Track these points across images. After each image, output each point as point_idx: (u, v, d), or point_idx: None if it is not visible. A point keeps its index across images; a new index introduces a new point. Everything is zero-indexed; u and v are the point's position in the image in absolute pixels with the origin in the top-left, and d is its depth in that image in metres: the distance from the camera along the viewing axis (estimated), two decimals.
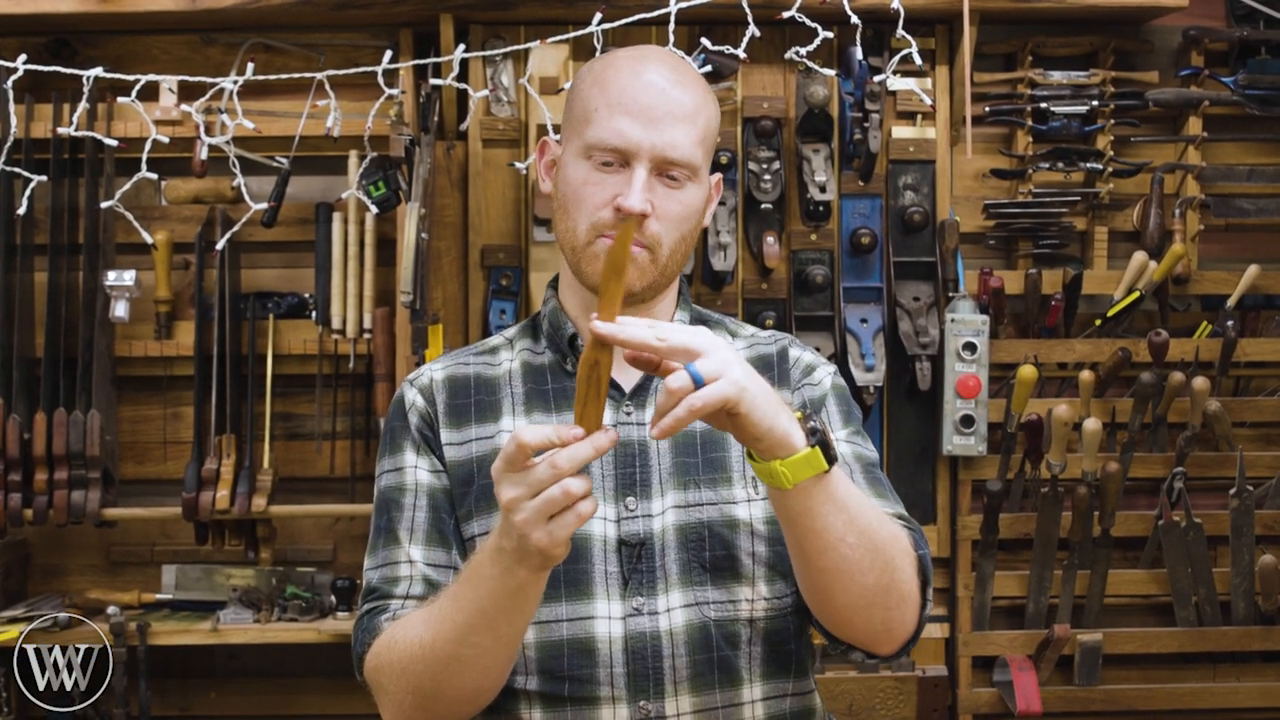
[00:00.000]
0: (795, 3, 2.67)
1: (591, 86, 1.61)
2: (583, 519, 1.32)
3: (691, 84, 1.61)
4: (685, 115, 1.57)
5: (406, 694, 1.51)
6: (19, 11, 2.84)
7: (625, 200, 1.54)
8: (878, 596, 1.47)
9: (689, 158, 1.57)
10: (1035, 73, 3.02)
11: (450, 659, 1.46)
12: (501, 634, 1.44)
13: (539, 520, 1.32)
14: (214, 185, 3.02)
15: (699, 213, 1.62)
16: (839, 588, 1.46)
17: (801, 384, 1.68)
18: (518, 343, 1.71)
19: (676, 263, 1.61)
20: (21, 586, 3.04)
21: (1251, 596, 3.01)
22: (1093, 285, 3.02)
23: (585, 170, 1.58)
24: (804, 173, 2.93)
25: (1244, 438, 3.06)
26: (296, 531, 3.07)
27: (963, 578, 3.02)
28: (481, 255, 2.97)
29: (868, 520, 1.43)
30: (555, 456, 1.30)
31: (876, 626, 1.50)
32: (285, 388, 3.04)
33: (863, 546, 1.42)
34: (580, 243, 1.59)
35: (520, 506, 1.32)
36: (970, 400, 2.92)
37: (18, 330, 2.93)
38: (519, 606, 1.42)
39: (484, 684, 1.49)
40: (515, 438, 1.32)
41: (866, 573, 1.44)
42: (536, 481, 1.31)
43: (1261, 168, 3.10)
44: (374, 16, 2.89)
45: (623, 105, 1.56)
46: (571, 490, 1.30)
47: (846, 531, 1.41)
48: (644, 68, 1.59)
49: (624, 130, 1.55)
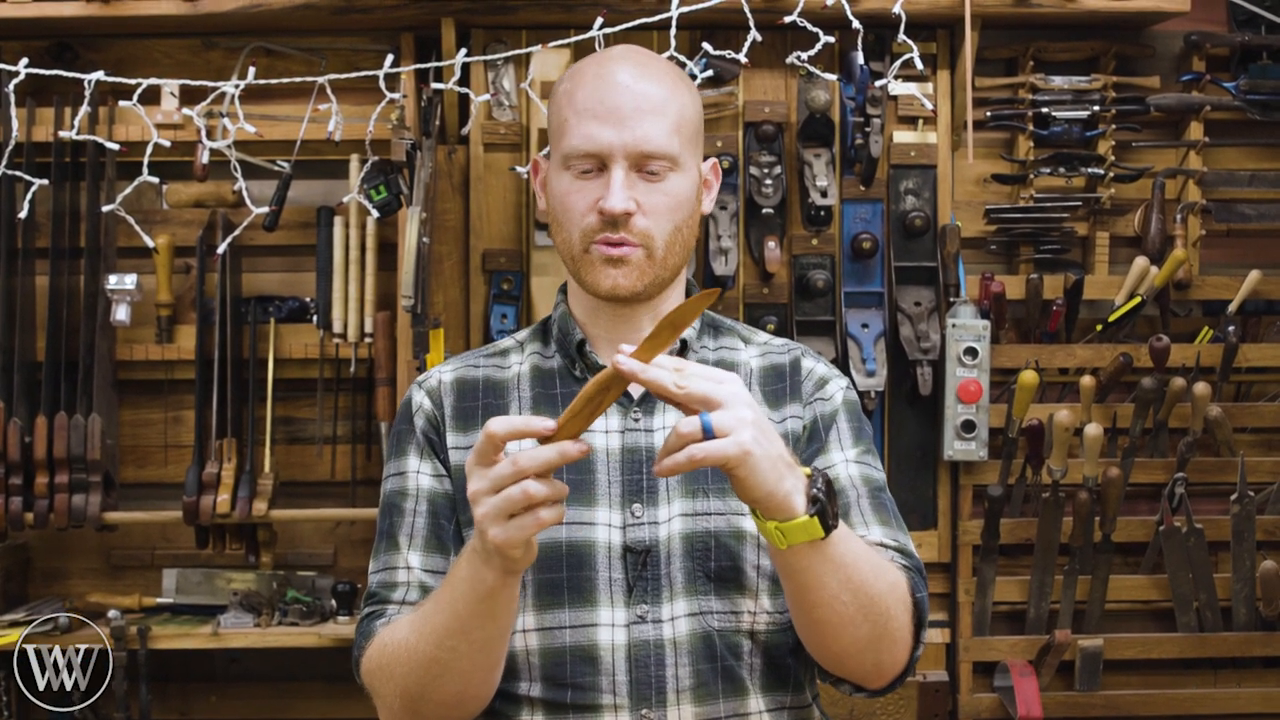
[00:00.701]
0: (797, 7, 2.67)
1: (562, 98, 1.61)
2: (543, 524, 1.31)
3: (659, 75, 1.60)
4: (654, 107, 1.56)
5: (395, 697, 1.52)
6: (20, 15, 2.84)
7: (606, 202, 1.54)
8: (869, 644, 1.49)
9: (664, 148, 1.56)
10: (1036, 78, 3.02)
11: (430, 662, 1.47)
12: (475, 639, 1.44)
13: (497, 518, 1.31)
14: (215, 189, 3.02)
15: (690, 201, 1.61)
16: (830, 637, 1.48)
17: (814, 398, 1.67)
18: (528, 346, 1.71)
19: (676, 255, 1.60)
20: (22, 590, 3.04)
21: (1253, 602, 3.01)
22: (1094, 290, 3.02)
23: (567, 181, 1.58)
24: (805, 177, 2.93)
25: (1245, 443, 3.06)
26: (297, 536, 3.07)
27: (963, 583, 3.02)
28: (483, 259, 2.97)
29: (864, 577, 1.44)
30: (518, 455, 1.30)
31: (867, 668, 1.53)
32: (286, 392, 3.04)
33: (856, 603, 1.44)
34: (576, 252, 1.59)
35: (481, 500, 1.32)
36: (971, 405, 2.92)
37: (19, 334, 2.93)
38: (489, 611, 1.42)
39: (466, 690, 1.49)
40: (486, 428, 1.32)
41: (859, 625, 1.46)
42: (498, 477, 1.31)
43: (1263, 173, 3.10)
44: (375, 21, 2.89)
45: (590, 110, 1.56)
46: (530, 492, 1.30)
47: (840, 590, 1.42)
48: (607, 69, 1.59)
49: (593, 134, 1.55)
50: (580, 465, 1.57)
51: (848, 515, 1.59)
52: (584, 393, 1.32)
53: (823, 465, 1.62)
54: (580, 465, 1.57)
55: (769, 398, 1.66)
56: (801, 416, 1.65)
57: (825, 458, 1.63)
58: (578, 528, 1.55)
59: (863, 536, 1.56)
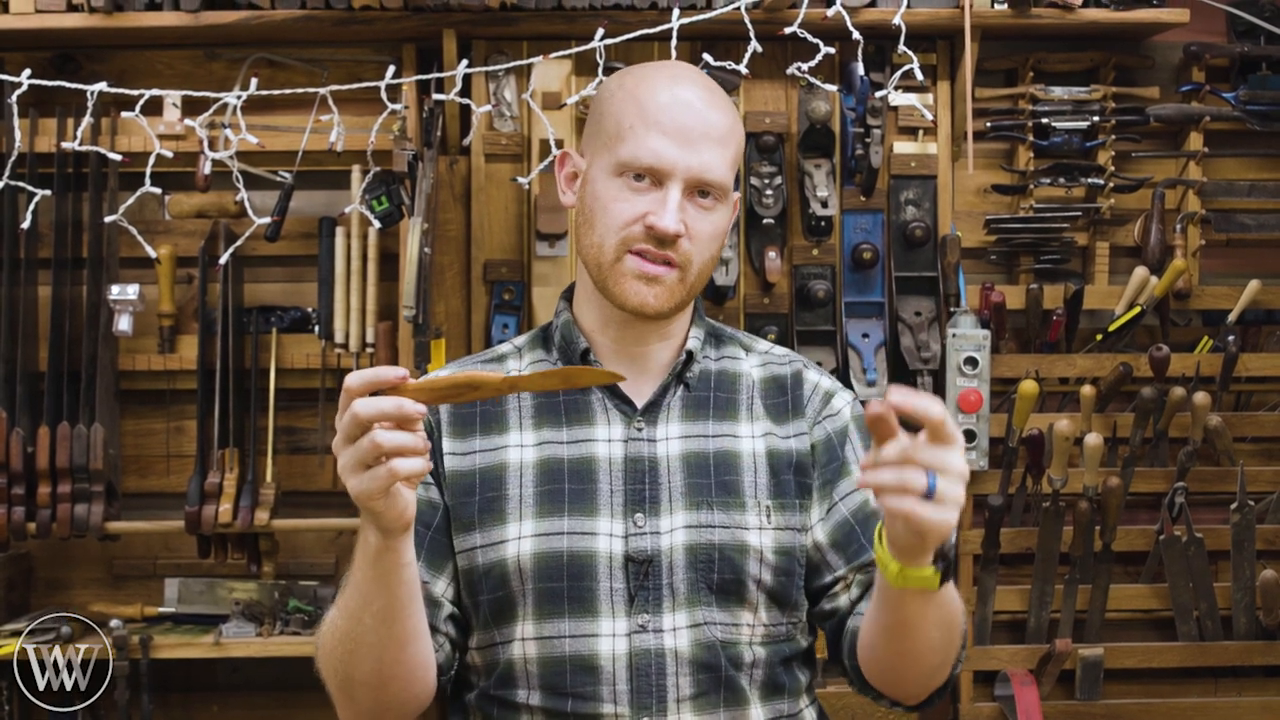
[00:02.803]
0: (797, 18, 2.68)
1: (625, 102, 1.59)
2: (397, 476, 1.31)
3: (724, 106, 1.61)
4: (720, 137, 1.57)
5: (331, 678, 1.52)
6: (24, 27, 2.85)
7: (659, 220, 1.53)
8: (938, 670, 1.53)
9: (721, 179, 1.57)
10: (1036, 88, 3.03)
11: (345, 637, 1.47)
12: (375, 609, 1.43)
13: (354, 469, 1.32)
14: (217, 200, 3.02)
15: (726, 231, 1.63)
16: (911, 664, 1.51)
17: (822, 417, 1.67)
18: (527, 353, 1.70)
19: (701, 282, 1.61)
20: (24, 600, 3.04)
21: (1253, 611, 3.01)
22: (1094, 300, 3.03)
23: (616, 187, 1.57)
24: (806, 188, 2.94)
25: (1245, 453, 3.06)
26: (299, 545, 3.08)
27: (964, 592, 3.01)
28: (484, 270, 2.98)
29: (953, 614, 1.47)
30: (356, 403, 1.30)
31: (918, 690, 1.57)
32: (288, 402, 3.05)
33: (943, 638, 1.47)
34: (608, 259, 1.57)
35: (340, 452, 1.33)
36: (972, 415, 2.93)
37: (21, 344, 2.93)
38: (380, 578, 1.41)
39: (382, 669, 1.47)
40: (344, 381, 1.33)
41: (936, 654, 1.49)
42: (344, 427, 1.32)
43: (1262, 183, 3.11)
44: (377, 32, 2.90)
45: (659, 124, 1.55)
46: (378, 440, 1.29)
47: (933, 627, 1.45)
48: (679, 86, 1.58)
49: (660, 150, 1.54)
50: (582, 474, 1.58)
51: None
52: (455, 377, 1.35)
53: (848, 488, 1.63)
54: (582, 474, 1.58)
55: (770, 411, 1.66)
56: (809, 434, 1.65)
57: (851, 479, 1.63)
58: (579, 537, 1.55)
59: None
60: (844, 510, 1.62)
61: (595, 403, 1.62)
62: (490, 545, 1.57)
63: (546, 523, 1.56)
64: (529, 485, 1.58)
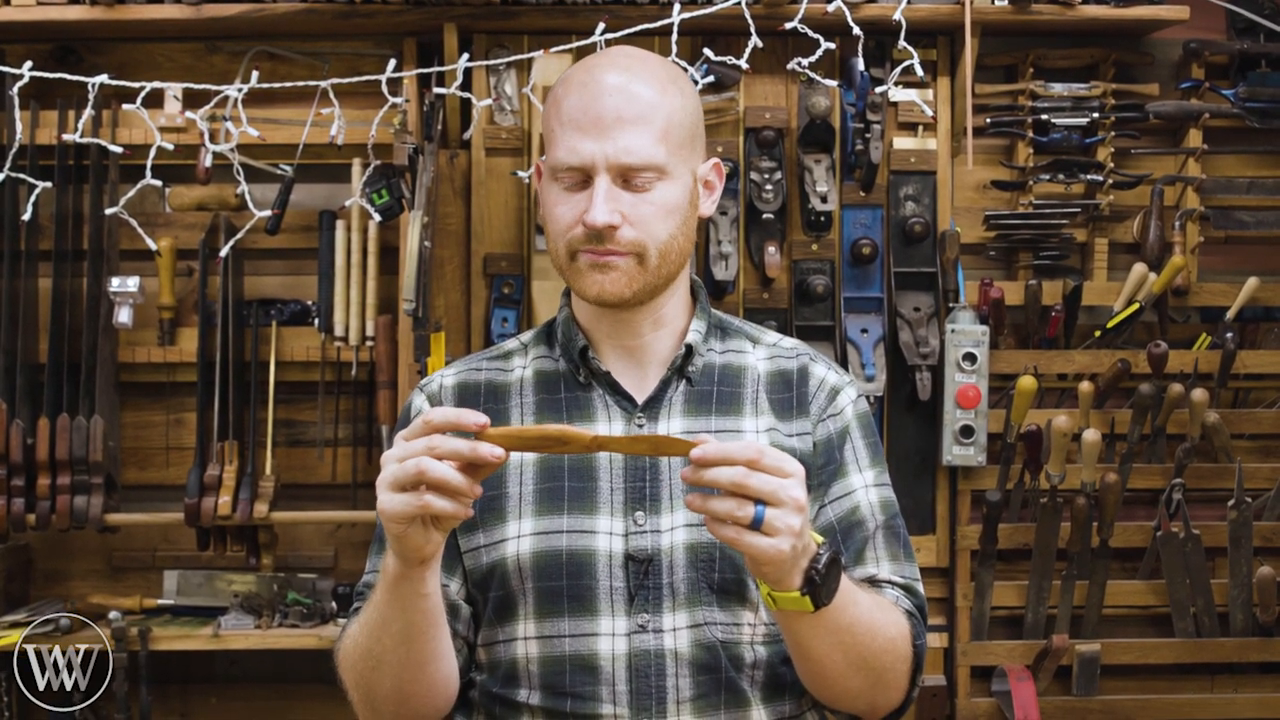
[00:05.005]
0: (797, 14, 2.68)
1: (549, 106, 1.59)
2: (427, 508, 1.32)
3: (647, 79, 1.55)
4: (638, 117, 1.52)
5: (353, 691, 1.57)
6: (24, 19, 2.85)
7: (588, 216, 1.52)
8: (862, 692, 1.54)
9: (648, 160, 1.53)
10: (1036, 84, 3.03)
11: (366, 654, 1.50)
12: (394, 631, 1.45)
13: (391, 485, 1.34)
14: (218, 192, 3.03)
15: (682, 206, 1.57)
16: (823, 684, 1.53)
17: (826, 415, 1.65)
18: (532, 349, 1.69)
19: (672, 261, 1.57)
20: (23, 591, 3.04)
21: (1249, 608, 3.02)
22: (1092, 296, 3.03)
23: (555, 193, 1.57)
24: (805, 183, 2.95)
25: (1242, 449, 3.07)
26: (298, 538, 3.08)
27: (961, 588, 3.03)
28: (484, 263, 2.98)
29: (857, 638, 1.47)
30: (434, 436, 1.32)
31: (860, 709, 1.58)
32: (288, 394, 3.05)
33: (848, 661, 1.48)
34: (563, 262, 1.58)
35: (385, 462, 1.35)
36: (970, 410, 2.93)
37: (22, 336, 2.94)
38: (398, 602, 1.43)
39: (402, 687, 1.50)
40: (425, 414, 1.34)
41: (851, 678, 1.50)
42: (406, 450, 1.33)
43: (1261, 180, 3.11)
44: (378, 25, 2.90)
45: (574, 121, 1.53)
46: (424, 468, 1.31)
47: (832, 650, 1.46)
48: (593, 78, 1.56)
49: (576, 147, 1.53)
50: (582, 472, 1.57)
51: (862, 551, 1.61)
52: (545, 430, 1.36)
53: (842, 490, 1.62)
54: (582, 472, 1.57)
55: (776, 407, 1.64)
56: (811, 434, 1.63)
57: (845, 482, 1.63)
58: (579, 535, 1.55)
59: (872, 575, 1.59)
60: (830, 515, 1.61)
61: (596, 399, 1.62)
62: (492, 544, 1.58)
63: (546, 521, 1.56)
64: (529, 483, 1.58)
